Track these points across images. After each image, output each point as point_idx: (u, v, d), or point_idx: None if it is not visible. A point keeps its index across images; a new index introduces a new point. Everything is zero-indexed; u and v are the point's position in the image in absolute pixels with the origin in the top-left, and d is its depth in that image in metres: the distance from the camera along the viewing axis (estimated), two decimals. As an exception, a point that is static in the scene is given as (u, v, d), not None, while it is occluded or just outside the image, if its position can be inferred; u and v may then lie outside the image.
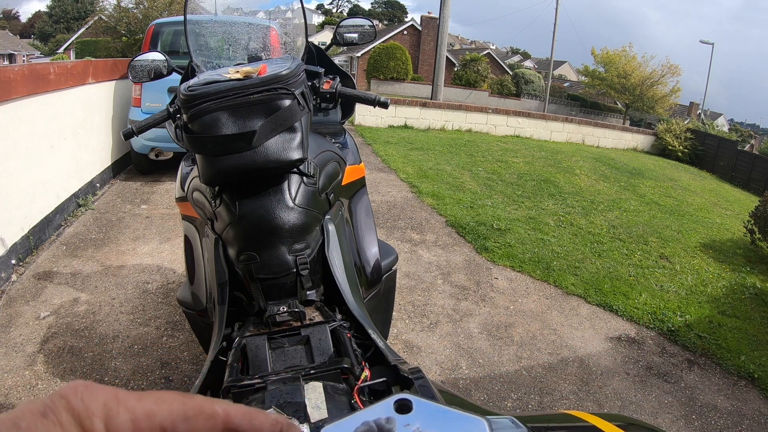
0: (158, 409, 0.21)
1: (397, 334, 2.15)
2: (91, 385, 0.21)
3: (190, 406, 0.22)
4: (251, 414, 0.23)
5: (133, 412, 0.20)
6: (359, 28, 1.30)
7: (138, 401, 0.21)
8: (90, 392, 0.21)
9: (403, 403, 0.23)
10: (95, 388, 0.21)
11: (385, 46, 20.63)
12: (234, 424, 0.23)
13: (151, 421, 0.21)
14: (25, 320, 2.04)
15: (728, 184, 9.95)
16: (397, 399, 0.23)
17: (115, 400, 0.21)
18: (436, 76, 10.31)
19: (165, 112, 0.99)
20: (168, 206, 3.50)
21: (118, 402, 0.21)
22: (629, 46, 20.36)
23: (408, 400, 0.23)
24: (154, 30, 4.23)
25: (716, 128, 13.64)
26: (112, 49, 12.71)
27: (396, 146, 6.35)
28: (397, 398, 0.23)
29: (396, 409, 0.23)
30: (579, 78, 26.36)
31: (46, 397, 0.20)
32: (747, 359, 2.30)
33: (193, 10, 1.33)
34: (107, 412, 0.20)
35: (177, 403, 0.22)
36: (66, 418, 0.19)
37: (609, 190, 5.65)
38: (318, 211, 0.86)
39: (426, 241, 3.26)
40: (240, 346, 0.70)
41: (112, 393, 0.21)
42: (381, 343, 0.71)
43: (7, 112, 2.42)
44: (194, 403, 0.22)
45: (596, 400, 1.90)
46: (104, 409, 0.20)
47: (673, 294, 2.97)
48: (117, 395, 0.21)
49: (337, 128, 1.36)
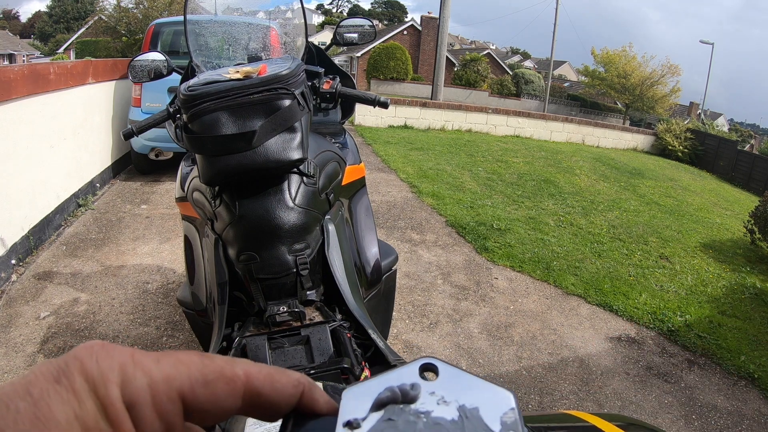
0: (177, 372, 0.20)
1: (397, 334, 2.15)
2: (107, 345, 0.20)
3: (211, 369, 0.21)
4: (272, 375, 0.23)
5: (150, 376, 0.20)
6: (359, 28, 1.30)
7: (156, 363, 0.20)
8: (106, 353, 0.20)
9: (429, 366, 0.22)
10: (111, 348, 0.20)
11: (385, 46, 20.63)
12: (255, 387, 0.22)
13: (170, 386, 0.20)
14: (25, 320, 2.03)
15: (728, 184, 9.95)
16: (423, 363, 0.22)
17: (132, 362, 0.20)
18: (436, 76, 10.31)
19: (165, 112, 0.99)
20: (168, 206, 3.50)
21: (135, 365, 0.20)
22: (629, 46, 20.37)
23: (434, 365, 0.22)
24: (154, 30, 4.23)
25: (716, 128, 13.63)
26: (112, 49, 12.71)
27: (396, 146, 6.35)
28: (422, 362, 0.22)
29: (421, 373, 0.22)
30: (579, 78, 26.36)
31: (61, 359, 0.19)
32: (747, 359, 2.30)
33: (193, 10, 1.33)
34: (123, 377, 0.19)
35: (196, 365, 0.21)
36: (80, 383, 0.18)
37: (609, 190, 5.64)
38: (318, 211, 0.86)
39: (426, 241, 3.26)
40: (240, 346, 0.70)
41: (129, 354, 0.20)
42: (381, 343, 0.71)
43: (7, 112, 2.42)
44: (215, 366, 0.21)
45: (596, 400, 1.90)
46: (120, 374, 0.19)
47: (673, 294, 2.97)
48: (134, 357, 0.20)
49: (337, 128, 1.36)
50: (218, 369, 0.21)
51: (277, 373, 0.23)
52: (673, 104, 20.81)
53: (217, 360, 0.22)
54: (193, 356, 0.22)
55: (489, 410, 0.21)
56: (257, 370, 0.22)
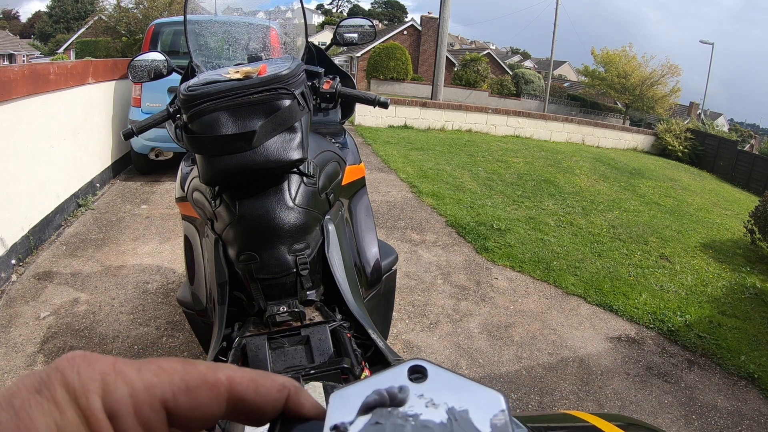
0: (158, 380, 0.20)
1: (397, 334, 2.15)
2: (89, 355, 0.20)
3: (193, 375, 0.21)
4: (256, 380, 0.22)
5: (131, 385, 0.20)
6: (359, 28, 1.30)
7: (137, 372, 0.20)
8: (87, 364, 0.20)
9: (417, 369, 0.22)
10: (93, 359, 0.20)
11: (385, 46, 20.63)
12: (238, 392, 0.22)
13: (151, 394, 0.20)
14: (25, 320, 2.03)
15: (728, 184, 9.95)
16: (411, 365, 0.22)
17: (113, 372, 0.20)
18: (436, 76, 10.31)
19: (165, 112, 0.99)
20: (168, 206, 3.50)
21: (116, 374, 0.20)
22: (629, 46, 20.38)
23: (422, 367, 0.22)
24: (154, 30, 4.23)
25: (716, 128, 13.63)
26: (112, 49, 12.71)
27: (396, 146, 6.35)
28: (411, 364, 0.22)
29: (409, 375, 0.22)
30: (579, 78, 26.36)
31: (43, 370, 0.19)
32: (747, 359, 2.30)
33: (193, 10, 1.33)
34: (104, 387, 0.19)
35: (178, 373, 0.21)
36: (61, 394, 0.18)
37: (609, 190, 5.64)
38: (318, 211, 0.86)
39: (426, 241, 3.26)
40: (240, 346, 0.70)
41: (110, 364, 0.20)
42: (381, 343, 0.71)
43: (7, 112, 2.42)
44: (197, 372, 0.21)
45: (596, 400, 1.90)
46: (101, 384, 0.19)
47: (673, 294, 2.97)
48: (115, 366, 0.20)
49: (337, 128, 1.36)
50: (200, 375, 0.21)
51: (261, 377, 0.23)
52: (673, 104, 20.81)
53: (200, 366, 0.22)
54: (175, 363, 0.21)
55: (478, 412, 0.21)
56: (240, 375, 0.22)
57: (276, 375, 0.24)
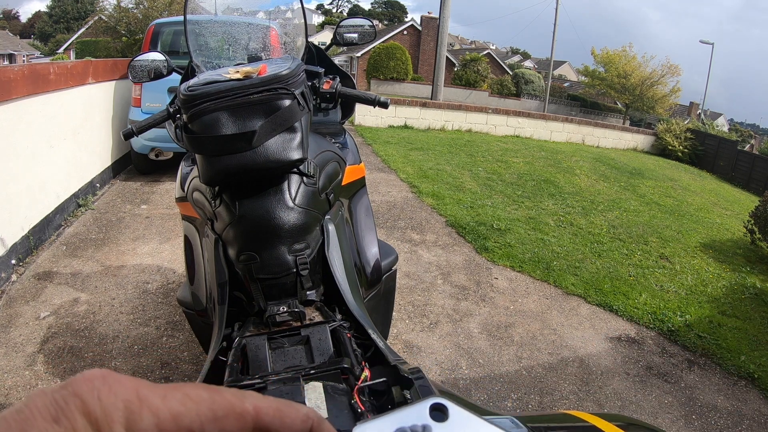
0: (185, 410, 0.19)
1: (397, 334, 2.15)
2: (108, 377, 0.19)
3: (220, 405, 0.20)
4: (282, 411, 0.22)
5: (157, 414, 0.19)
6: (359, 28, 1.30)
7: (163, 400, 0.19)
8: (108, 388, 0.18)
9: (438, 406, 0.22)
10: (113, 382, 0.19)
11: (385, 46, 20.63)
12: (265, 423, 0.21)
13: (178, 424, 0.19)
14: (25, 320, 2.03)
15: (728, 184, 9.95)
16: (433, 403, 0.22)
17: (137, 399, 0.19)
18: (436, 76, 10.31)
19: (165, 112, 0.99)
20: (168, 206, 3.50)
21: (140, 402, 0.19)
22: (629, 46, 20.38)
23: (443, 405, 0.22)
24: (154, 30, 4.23)
25: (716, 128, 13.63)
26: (112, 49, 12.71)
27: (396, 146, 6.35)
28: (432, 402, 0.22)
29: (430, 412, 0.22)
30: (579, 78, 26.36)
31: (57, 393, 0.18)
32: (747, 359, 2.30)
33: (193, 10, 1.33)
34: (128, 416, 0.18)
35: (205, 402, 0.20)
36: (81, 424, 0.17)
37: (609, 190, 5.65)
38: (318, 211, 0.86)
39: (426, 241, 3.26)
40: (240, 346, 0.70)
41: (133, 389, 0.19)
42: (381, 343, 0.71)
43: (7, 112, 2.42)
44: (224, 402, 0.21)
45: (596, 400, 1.90)
46: (125, 412, 0.18)
47: (673, 294, 2.97)
48: (139, 392, 0.19)
49: (337, 128, 1.36)
50: (228, 405, 0.21)
51: (286, 407, 0.23)
52: (673, 104, 20.81)
53: (226, 394, 0.21)
54: (201, 391, 0.21)
55: None
56: (267, 405, 0.22)
57: (299, 405, 0.23)
